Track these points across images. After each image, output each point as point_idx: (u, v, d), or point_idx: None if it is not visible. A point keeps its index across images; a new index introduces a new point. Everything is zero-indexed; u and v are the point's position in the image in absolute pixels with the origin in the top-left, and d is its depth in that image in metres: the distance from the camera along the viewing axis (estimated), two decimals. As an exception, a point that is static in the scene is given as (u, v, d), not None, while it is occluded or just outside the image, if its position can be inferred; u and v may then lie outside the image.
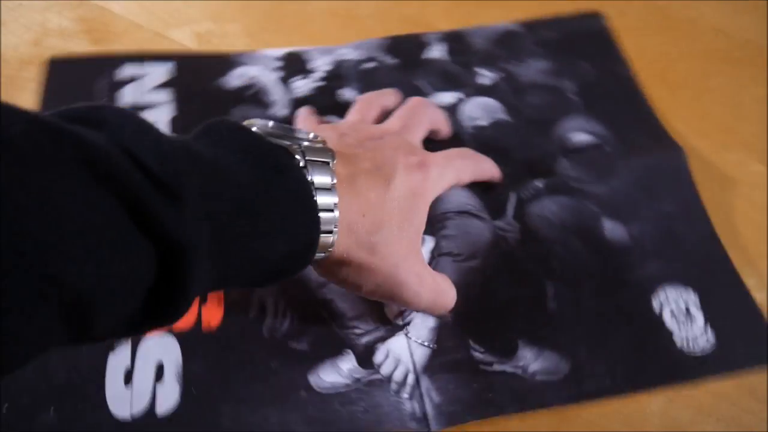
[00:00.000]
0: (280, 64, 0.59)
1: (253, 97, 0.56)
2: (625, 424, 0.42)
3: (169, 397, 0.40)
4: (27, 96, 0.55)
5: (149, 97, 0.54)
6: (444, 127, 0.53)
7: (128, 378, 0.40)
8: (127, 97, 0.54)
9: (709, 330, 0.45)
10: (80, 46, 0.60)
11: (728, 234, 0.51)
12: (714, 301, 0.47)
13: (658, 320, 0.46)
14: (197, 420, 0.40)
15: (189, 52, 0.60)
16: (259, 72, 0.59)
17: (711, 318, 0.46)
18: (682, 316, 0.46)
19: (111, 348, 0.41)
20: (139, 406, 0.40)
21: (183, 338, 0.43)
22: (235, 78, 0.58)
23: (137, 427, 0.39)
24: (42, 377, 0.40)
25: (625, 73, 0.60)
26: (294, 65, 0.60)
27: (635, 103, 0.58)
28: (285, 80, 0.58)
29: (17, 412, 0.38)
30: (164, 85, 0.55)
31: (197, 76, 0.57)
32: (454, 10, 0.66)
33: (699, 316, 0.46)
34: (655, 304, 0.47)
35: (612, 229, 0.50)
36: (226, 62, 0.59)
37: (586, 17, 0.64)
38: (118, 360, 0.41)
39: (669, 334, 0.45)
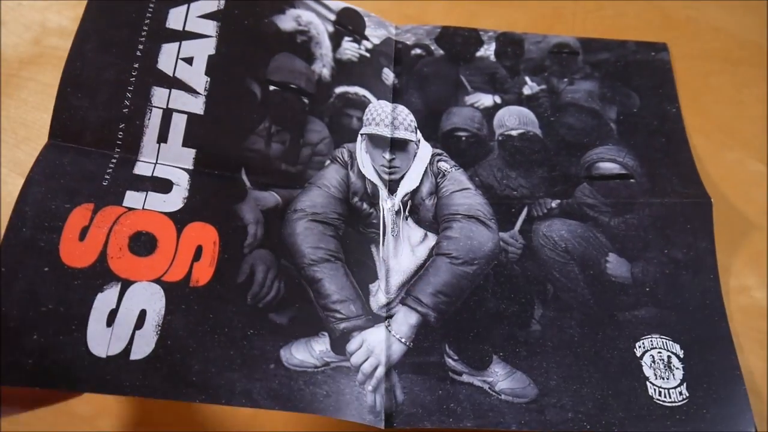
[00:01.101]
0: (335, 17, 0.58)
1: (302, 45, 0.55)
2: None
3: (145, 345, 0.41)
4: (27, 96, 0.55)
5: (196, 25, 0.52)
6: None
7: (111, 319, 0.41)
8: (177, 19, 0.51)
9: (685, 388, 0.45)
10: None
11: (728, 233, 0.50)
12: (699, 360, 0.46)
13: (637, 364, 0.45)
14: (166, 371, 0.40)
15: None
16: (314, 19, 0.57)
17: (690, 377, 0.45)
18: (662, 366, 0.45)
19: (100, 288, 0.42)
20: (116, 348, 0.40)
21: (169, 289, 0.43)
22: (290, 19, 0.56)
23: (109, 366, 0.40)
24: (31, 302, 0.40)
25: (673, 111, 0.58)
26: (349, 23, 0.58)
27: (674, 144, 0.56)
28: (336, 36, 0.57)
29: (8, 329, 0.39)
30: (211, 16, 0.53)
31: (249, 9, 0.54)
32: (454, 10, 0.65)
33: (678, 372, 0.45)
34: (638, 349, 0.46)
35: (616, 264, 0.50)
36: None
37: (649, 46, 0.62)
38: (104, 300, 0.42)
39: (644, 380, 0.45)
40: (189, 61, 0.50)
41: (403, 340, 0.45)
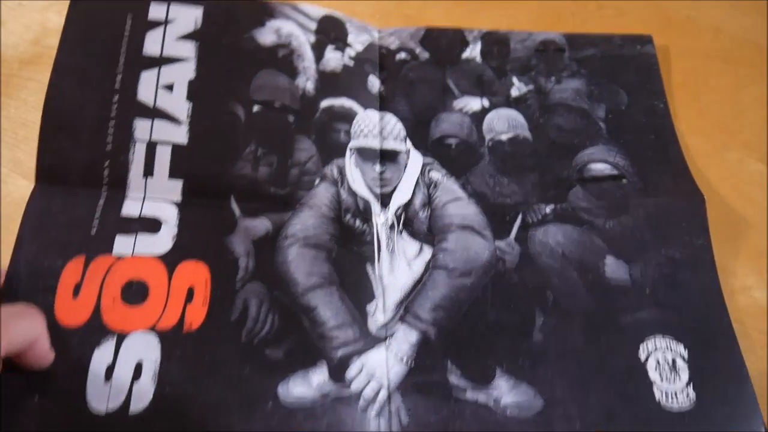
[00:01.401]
0: (317, 26, 0.57)
1: (284, 59, 0.54)
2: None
3: (143, 396, 0.41)
4: (27, 96, 0.54)
5: (174, 49, 0.51)
6: (39, 347, 0.40)
7: (109, 374, 0.41)
8: (154, 44, 0.51)
9: (692, 389, 0.45)
10: None
11: (728, 233, 0.50)
12: (703, 360, 0.46)
13: (642, 368, 0.45)
14: (165, 422, 0.40)
15: None
16: (295, 30, 0.56)
17: (696, 376, 0.45)
18: (667, 368, 0.45)
19: (97, 344, 0.42)
20: (115, 402, 0.40)
21: (164, 337, 0.43)
22: (270, 32, 0.55)
23: (108, 422, 0.40)
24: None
25: (661, 107, 0.57)
26: (331, 31, 0.57)
27: (664, 140, 0.55)
28: (319, 46, 0.56)
29: (9, 393, 0.40)
30: (189, 37, 0.52)
31: (228, 26, 0.54)
32: (454, 10, 0.64)
33: (684, 373, 0.45)
34: (642, 352, 0.46)
35: (614, 267, 0.49)
36: (262, 10, 0.55)
37: (635, 39, 0.61)
38: (101, 355, 0.42)
39: (650, 385, 0.45)
40: (170, 87, 0.50)
41: (404, 359, 0.45)
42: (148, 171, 0.47)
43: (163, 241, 0.46)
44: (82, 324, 0.42)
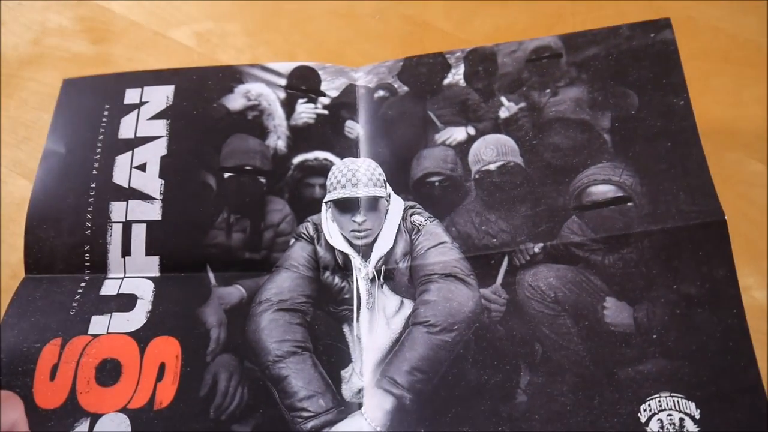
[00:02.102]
0: (286, 81, 0.56)
1: (254, 121, 0.54)
2: None
3: None
4: (27, 96, 0.57)
5: (146, 129, 0.53)
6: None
7: None
8: (129, 127, 0.53)
9: (702, 458, 0.38)
10: (80, 45, 0.61)
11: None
12: (719, 422, 0.39)
13: None
14: None
15: (192, 67, 0.57)
16: (264, 90, 0.55)
17: (708, 442, 0.38)
18: (673, 431, 0.39)
19: (72, 426, 0.44)
20: None
21: (134, 417, 0.44)
22: (239, 97, 0.55)
23: None
24: None
25: (681, 105, 0.48)
26: (301, 83, 0.56)
27: (683, 147, 0.47)
28: (289, 102, 0.55)
29: None
30: (160, 115, 0.54)
31: (197, 97, 0.55)
32: (454, 9, 0.62)
33: (693, 438, 0.39)
34: (643, 413, 0.40)
35: (615, 310, 0.43)
36: (231, 76, 0.56)
37: (648, 26, 0.52)
38: None
39: None
40: (143, 167, 0.51)
41: (378, 429, 0.43)
42: (126, 251, 0.49)
43: (137, 318, 0.47)
44: (59, 406, 0.44)
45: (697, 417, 0.39)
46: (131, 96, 0.54)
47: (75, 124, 0.53)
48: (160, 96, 0.54)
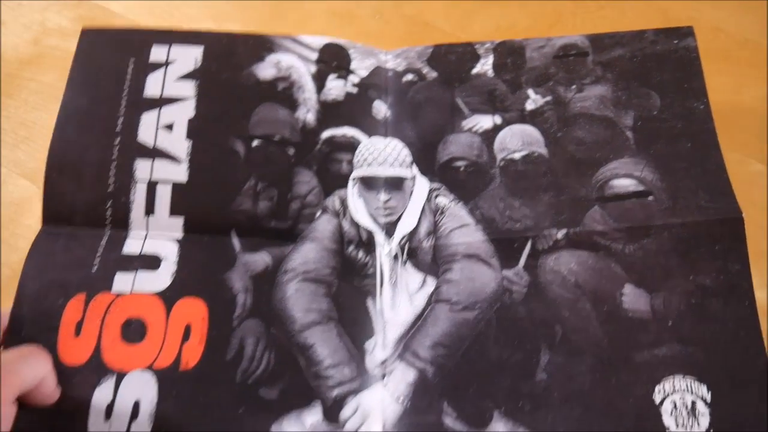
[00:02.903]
0: (318, 56, 0.56)
1: (284, 92, 0.54)
2: None
3: None
4: (27, 96, 0.56)
5: (174, 89, 0.52)
6: (46, 385, 0.42)
7: (109, 413, 0.43)
8: (155, 85, 0.52)
9: (713, 437, 0.40)
10: None
11: None
12: (729, 404, 0.41)
13: (656, 412, 0.41)
14: None
15: (222, 32, 0.56)
16: (295, 62, 0.55)
17: (718, 423, 0.41)
18: (685, 412, 0.41)
19: (97, 383, 0.43)
20: None
21: (161, 376, 0.44)
22: (270, 66, 0.54)
23: None
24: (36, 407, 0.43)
25: (701, 108, 0.51)
26: (333, 59, 0.56)
27: (702, 148, 0.49)
28: (320, 76, 0.55)
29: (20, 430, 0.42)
30: (189, 76, 0.53)
31: (227, 62, 0.54)
32: (453, 9, 0.64)
33: (705, 419, 0.41)
34: (657, 394, 0.42)
35: (633, 297, 0.45)
36: (262, 45, 0.55)
37: (672, 32, 0.54)
38: (102, 394, 0.43)
39: (663, 431, 0.41)
40: (169, 127, 0.50)
41: (400, 399, 0.44)
42: (149, 210, 0.48)
43: (162, 277, 0.47)
44: (84, 363, 0.44)
45: (709, 400, 0.41)
46: (157, 54, 0.53)
47: (97, 78, 0.52)
48: (189, 56, 0.53)
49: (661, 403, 0.42)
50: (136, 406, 0.43)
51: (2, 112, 0.56)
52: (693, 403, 0.41)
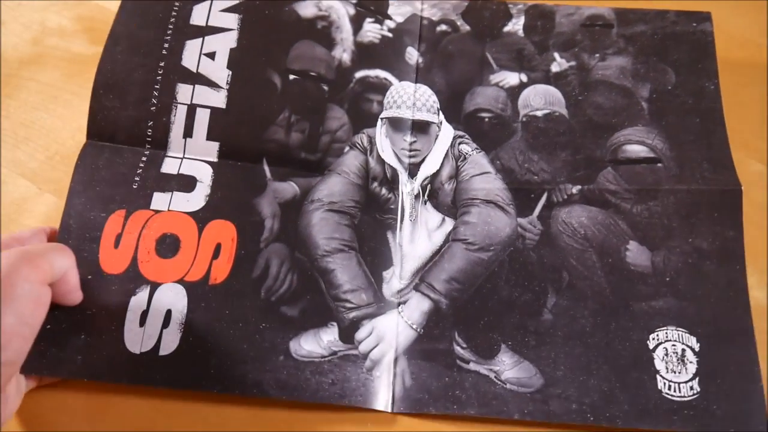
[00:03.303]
0: None
1: (322, 31, 0.56)
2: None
3: (171, 342, 0.45)
4: (27, 96, 0.56)
5: (218, 20, 0.54)
6: (69, 280, 0.44)
7: (143, 320, 0.46)
8: (201, 15, 0.54)
9: (697, 383, 0.44)
10: (80, 45, 0.60)
11: None
12: (715, 355, 0.45)
13: (649, 357, 0.45)
14: (188, 366, 0.44)
15: None
16: (335, 3, 0.57)
17: (704, 371, 0.44)
18: (675, 359, 0.45)
19: (133, 292, 0.46)
20: (147, 345, 0.45)
21: (191, 289, 0.47)
22: (311, 5, 0.57)
23: (142, 361, 0.44)
24: (79, 307, 0.45)
25: (711, 89, 0.54)
26: (371, 3, 0.58)
27: (709, 124, 0.53)
28: (358, 19, 0.57)
29: (57, 334, 0.44)
30: (233, 9, 0.55)
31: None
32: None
33: (692, 366, 0.45)
34: (652, 341, 0.46)
35: (636, 253, 0.49)
36: None
37: (691, 16, 0.57)
38: (137, 302, 0.46)
39: (654, 373, 0.45)
40: (212, 56, 0.52)
41: (414, 326, 0.47)
42: (188, 132, 0.51)
43: (197, 199, 0.49)
44: (122, 272, 0.47)
45: (697, 350, 0.45)
46: None
47: (146, 3, 0.54)
48: None
49: (655, 349, 0.46)
50: (167, 315, 0.46)
51: (2, 112, 0.56)
52: (683, 351, 0.45)
